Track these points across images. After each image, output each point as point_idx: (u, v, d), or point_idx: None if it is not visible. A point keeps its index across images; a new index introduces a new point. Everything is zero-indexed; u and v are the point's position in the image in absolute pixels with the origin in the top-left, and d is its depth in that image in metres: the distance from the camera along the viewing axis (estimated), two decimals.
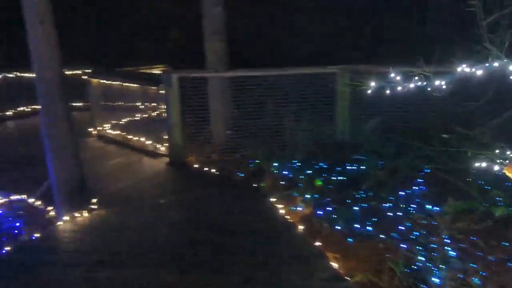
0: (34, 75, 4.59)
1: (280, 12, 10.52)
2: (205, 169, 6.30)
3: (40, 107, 4.67)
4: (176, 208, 5.04)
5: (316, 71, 6.45)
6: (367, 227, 4.01)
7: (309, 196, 4.64)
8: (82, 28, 12.59)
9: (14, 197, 5.47)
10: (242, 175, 5.88)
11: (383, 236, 3.81)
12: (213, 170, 6.22)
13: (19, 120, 10.35)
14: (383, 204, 4.40)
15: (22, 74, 10.54)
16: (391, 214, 4.23)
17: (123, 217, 4.73)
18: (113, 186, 5.89)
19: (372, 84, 3.06)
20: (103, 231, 4.41)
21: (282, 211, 4.63)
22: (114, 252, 3.88)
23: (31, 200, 5.32)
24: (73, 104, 10.99)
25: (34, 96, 4.70)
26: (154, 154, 7.15)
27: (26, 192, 5.46)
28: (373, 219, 4.12)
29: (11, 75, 10.88)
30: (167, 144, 6.87)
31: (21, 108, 10.56)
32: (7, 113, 10.53)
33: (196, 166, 6.44)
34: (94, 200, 4.99)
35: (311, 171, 5.27)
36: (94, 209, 4.89)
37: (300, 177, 5.16)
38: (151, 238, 4.16)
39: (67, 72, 10.72)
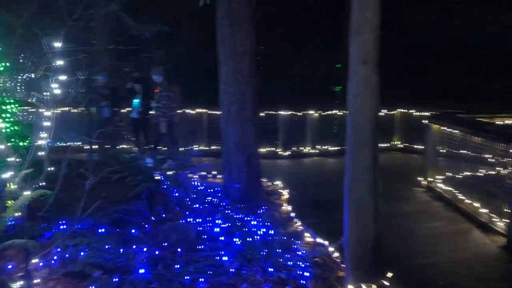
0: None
1: None
2: None
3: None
4: None
5: None
6: None
7: None
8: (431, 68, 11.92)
9: (318, 240, 5.32)
10: None
11: None
12: None
13: None
14: None
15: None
16: None
17: None
18: (418, 258, 4.85)
19: None
20: None
21: None
22: None
23: (331, 249, 5.00)
24: (413, 146, 10.52)
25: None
26: (487, 228, 5.56)
27: (331, 237, 5.16)
28: None
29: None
30: (507, 220, 5.18)
31: None
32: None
33: None
34: (389, 274, 4.13)
35: None
36: (386, 287, 4.03)
37: None
38: None
39: (415, 113, 10.45)
